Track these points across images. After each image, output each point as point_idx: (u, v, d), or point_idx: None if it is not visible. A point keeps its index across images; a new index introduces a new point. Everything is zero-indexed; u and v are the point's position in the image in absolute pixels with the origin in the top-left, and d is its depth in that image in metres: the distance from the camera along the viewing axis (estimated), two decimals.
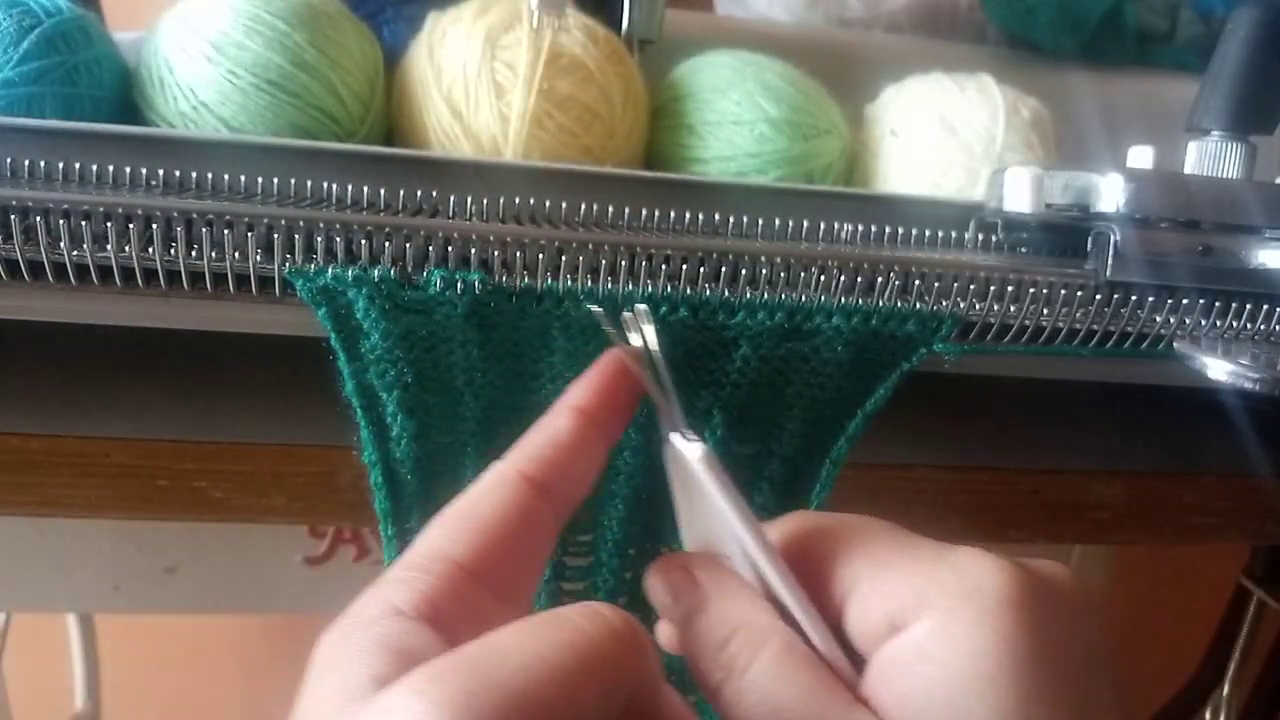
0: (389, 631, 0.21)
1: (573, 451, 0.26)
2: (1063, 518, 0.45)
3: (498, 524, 0.24)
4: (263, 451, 0.38)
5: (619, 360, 0.28)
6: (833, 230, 0.42)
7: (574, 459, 0.26)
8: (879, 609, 0.24)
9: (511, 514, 0.24)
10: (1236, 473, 0.46)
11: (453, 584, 0.22)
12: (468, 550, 0.23)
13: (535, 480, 0.25)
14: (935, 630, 0.22)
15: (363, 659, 0.20)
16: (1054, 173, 0.42)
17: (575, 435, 0.27)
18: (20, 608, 0.74)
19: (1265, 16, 0.42)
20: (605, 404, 0.28)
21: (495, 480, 0.25)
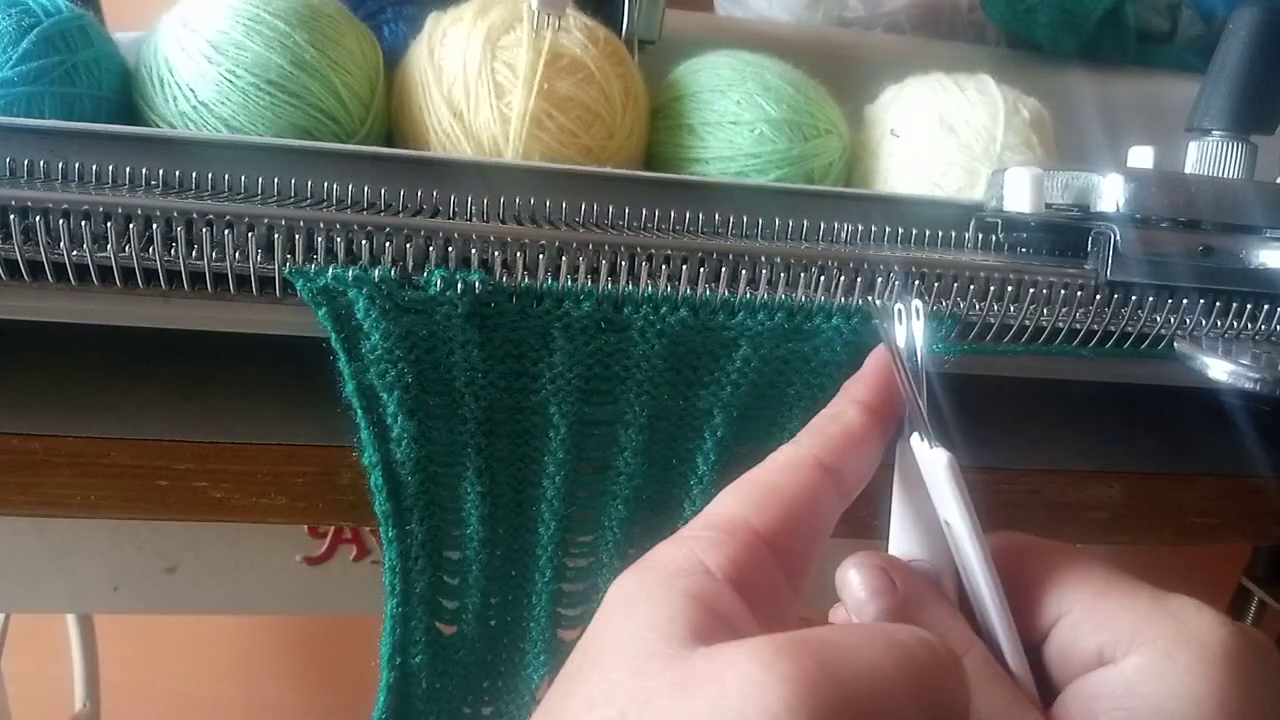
0: (702, 587, 0.21)
1: (861, 444, 0.27)
2: (1063, 518, 0.45)
3: (797, 502, 0.25)
4: (263, 451, 0.38)
5: (888, 359, 0.29)
6: (833, 230, 0.42)
7: (862, 451, 0.27)
8: (1092, 638, 0.24)
9: (809, 494, 0.25)
10: (1236, 473, 0.46)
11: (755, 553, 0.23)
12: (770, 522, 0.24)
13: (829, 467, 0.26)
14: (1148, 668, 0.23)
15: (680, 606, 0.21)
16: (1054, 173, 0.42)
17: (864, 429, 0.27)
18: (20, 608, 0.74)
19: (1266, 16, 0.42)
20: (886, 400, 0.28)
21: (794, 461, 0.26)
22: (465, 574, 0.37)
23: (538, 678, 0.39)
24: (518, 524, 0.37)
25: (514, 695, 0.39)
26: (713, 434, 0.36)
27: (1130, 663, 0.23)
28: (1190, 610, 0.24)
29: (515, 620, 0.39)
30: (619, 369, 0.34)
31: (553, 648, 0.39)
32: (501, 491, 0.36)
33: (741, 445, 0.37)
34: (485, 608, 0.38)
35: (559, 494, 0.36)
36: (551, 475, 0.36)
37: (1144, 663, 0.23)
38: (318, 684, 1.07)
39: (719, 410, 0.36)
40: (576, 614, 0.39)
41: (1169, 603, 0.24)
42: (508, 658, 0.39)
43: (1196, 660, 0.23)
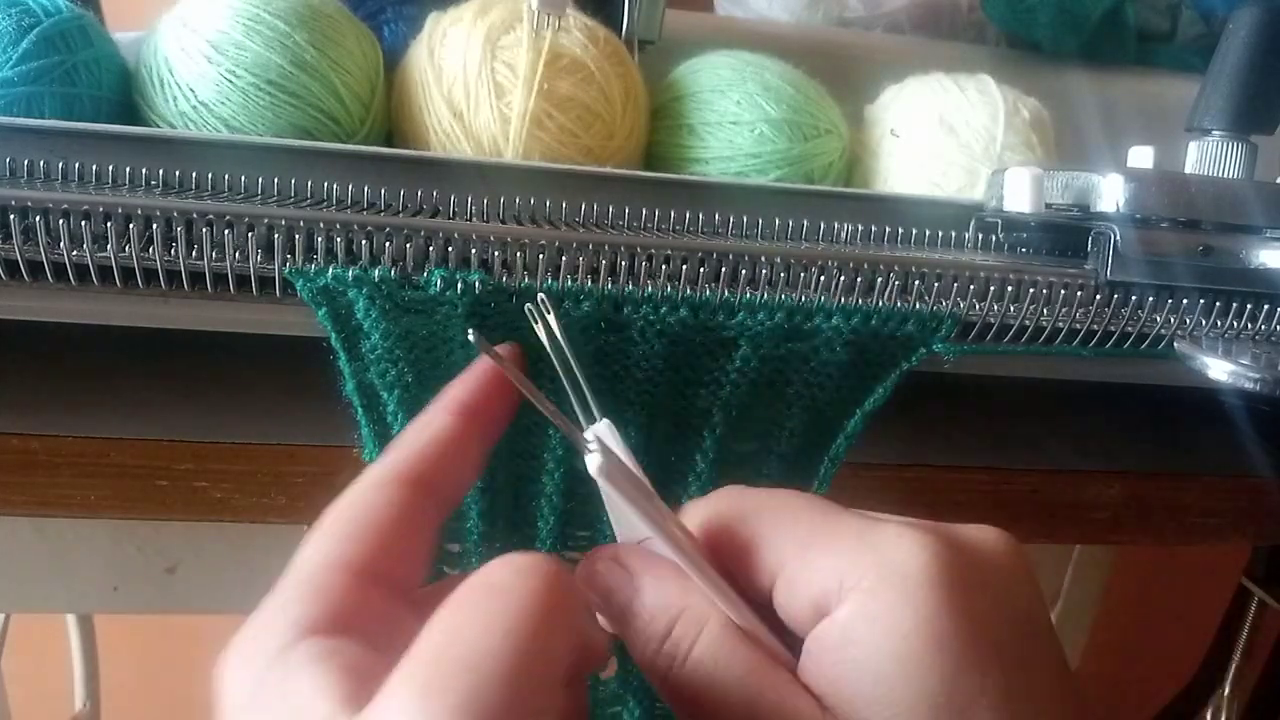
0: (318, 653, 0.20)
1: (453, 448, 0.27)
2: (1063, 518, 0.45)
3: (389, 525, 0.24)
4: (263, 451, 0.38)
5: (491, 364, 0.28)
6: (833, 230, 0.42)
7: (455, 456, 0.27)
8: (804, 593, 0.24)
9: (398, 514, 0.24)
10: (1236, 473, 0.46)
11: (360, 590, 0.22)
12: (364, 553, 0.23)
13: (416, 480, 0.25)
14: (857, 614, 0.23)
15: (321, 681, 0.20)
16: (1054, 173, 0.42)
17: (454, 433, 0.27)
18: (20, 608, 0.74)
19: (1266, 16, 0.42)
20: (484, 401, 0.28)
21: (376, 483, 0.25)
22: (465, 567, 0.37)
23: None
24: (517, 519, 0.37)
25: None
26: (712, 433, 0.36)
27: (842, 611, 0.23)
28: (891, 541, 0.23)
29: None
30: (619, 369, 0.34)
31: None
32: (501, 488, 0.36)
33: (741, 445, 0.37)
34: None
35: (558, 490, 0.36)
36: (550, 472, 0.36)
37: (853, 608, 0.23)
38: None
39: (718, 409, 0.36)
40: None
41: (872, 536, 0.24)
42: None
43: (899, 594, 0.22)
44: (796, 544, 0.24)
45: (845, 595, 0.23)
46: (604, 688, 0.40)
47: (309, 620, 0.21)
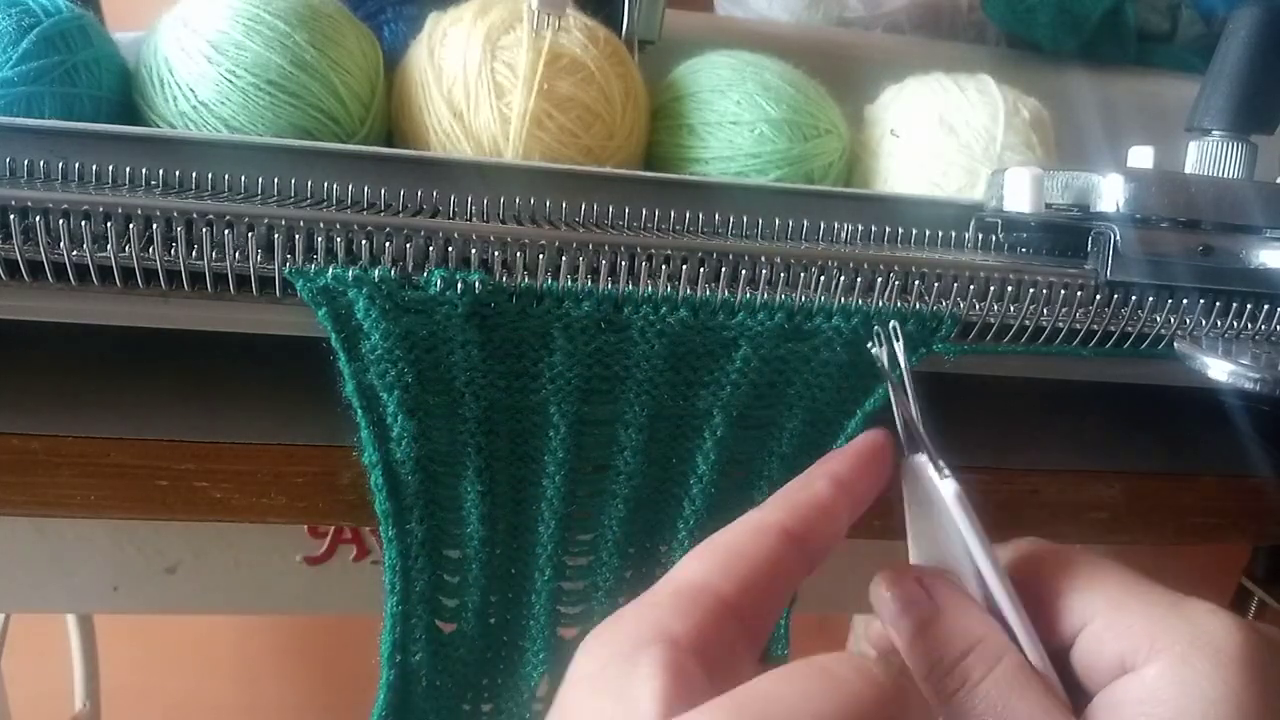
0: (669, 659, 0.22)
1: (828, 515, 0.28)
2: (1063, 518, 0.45)
3: (762, 567, 0.25)
4: (263, 451, 0.38)
5: (880, 440, 0.30)
6: (833, 230, 0.42)
7: (827, 522, 0.28)
8: (1113, 646, 0.25)
9: (773, 560, 0.26)
10: (1236, 473, 0.46)
11: (719, 619, 0.24)
12: (735, 587, 0.25)
13: (796, 534, 0.26)
14: (1168, 674, 0.24)
15: (647, 682, 0.21)
16: (1054, 173, 0.42)
17: (831, 500, 0.28)
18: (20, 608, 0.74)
19: (1266, 16, 0.42)
20: (860, 478, 0.29)
21: (761, 526, 0.26)
22: (465, 572, 0.37)
23: (537, 675, 0.39)
24: (517, 523, 0.37)
25: (514, 693, 0.39)
26: (712, 434, 0.36)
27: (1150, 670, 0.24)
28: (1205, 615, 0.25)
29: (515, 618, 0.39)
30: (619, 369, 0.34)
31: (552, 645, 0.39)
32: (501, 490, 0.36)
33: (741, 445, 0.37)
34: (485, 606, 0.38)
35: (559, 493, 0.36)
36: (551, 474, 0.36)
37: (1163, 669, 0.24)
38: (318, 684, 1.07)
39: (719, 410, 0.36)
40: (576, 612, 0.39)
41: (1185, 608, 0.25)
42: (507, 655, 0.39)
43: (1212, 664, 0.24)
44: (1110, 601, 0.26)
45: (1156, 656, 0.24)
46: None
47: (670, 630, 0.23)
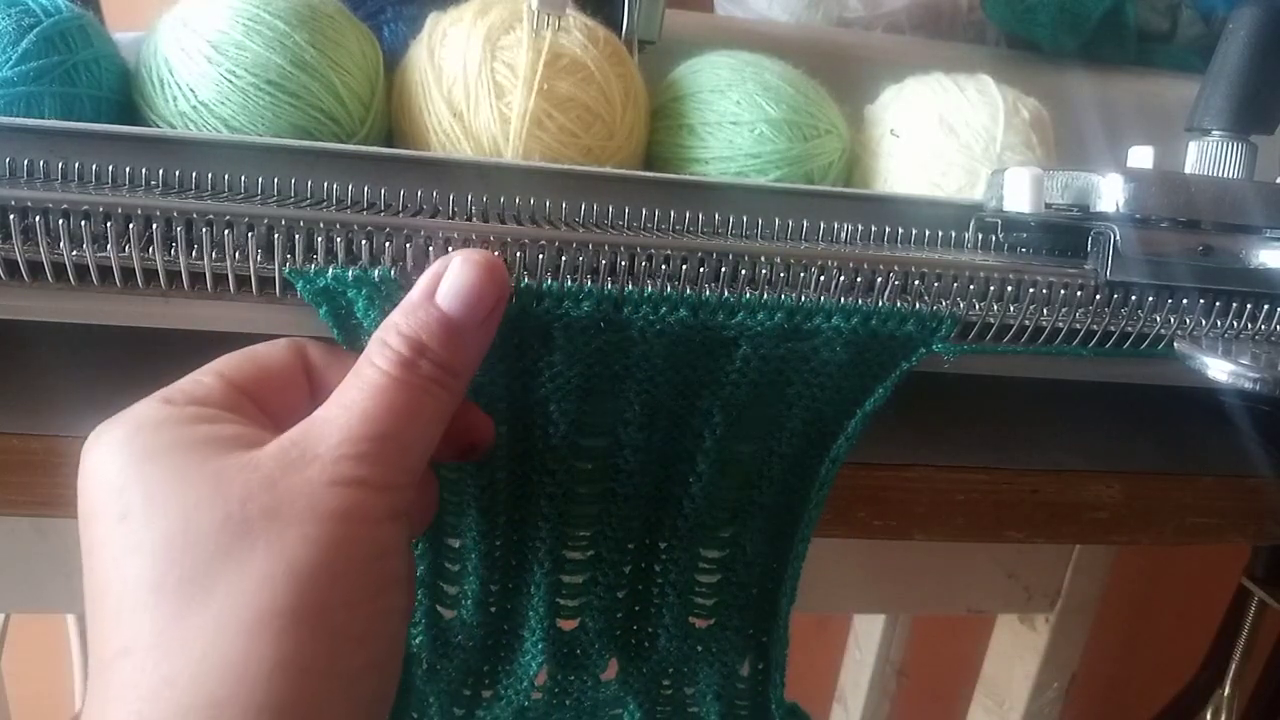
0: (212, 412, 0.28)
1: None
2: (1062, 518, 0.45)
3: (263, 360, 0.31)
4: None
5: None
6: (833, 230, 0.42)
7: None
8: None
9: (277, 356, 0.31)
10: (1236, 473, 0.46)
11: (225, 392, 0.29)
12: (234, 369, 0.30)
13: (301, 350, 0.32)
14: None
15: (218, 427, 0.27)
16: (1054, 173, 0.42)
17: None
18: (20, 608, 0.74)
19: (1266, 16, 0.42)
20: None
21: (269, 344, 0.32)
22: (465, 561, 0.37)
23: (536, 665, 0.39)
24: (517, 518, 0.37)
25: (513, 680, 0.39)
26: (712, 433, 0.36)
27: None
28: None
29: (515, 608, 0.39)
30: (619, 368, 0.34)
31: (551, 636, 0.39)
32: (500, 487, 0.36)
33: (741, 445, 0.37)
34: (485, 594, 0.38)
35: (559, 491, 0.36)
36: (551, 472, 0.36)
37: None
38: None
39: (719, 409, 0.36)
40: (575, 604, 0.39)
41: None
42: (507, 644, 0.39)
43: None
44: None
45: None
46: (605, 689, 0.40)
47: (180, 396, 0.28)
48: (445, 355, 0.29)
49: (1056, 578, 0.71)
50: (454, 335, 0.29)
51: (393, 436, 0.27)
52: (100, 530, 0.26)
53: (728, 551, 0.39)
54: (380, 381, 0.28)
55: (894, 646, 1.02)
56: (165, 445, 0.26)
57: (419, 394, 0.28)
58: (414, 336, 0.29)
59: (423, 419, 0.28)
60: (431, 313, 0.29)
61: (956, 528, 0.44)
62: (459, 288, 0.29)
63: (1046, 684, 0.76)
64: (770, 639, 0.41)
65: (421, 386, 0.28)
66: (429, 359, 0.29)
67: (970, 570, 0.68)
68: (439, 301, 0.29)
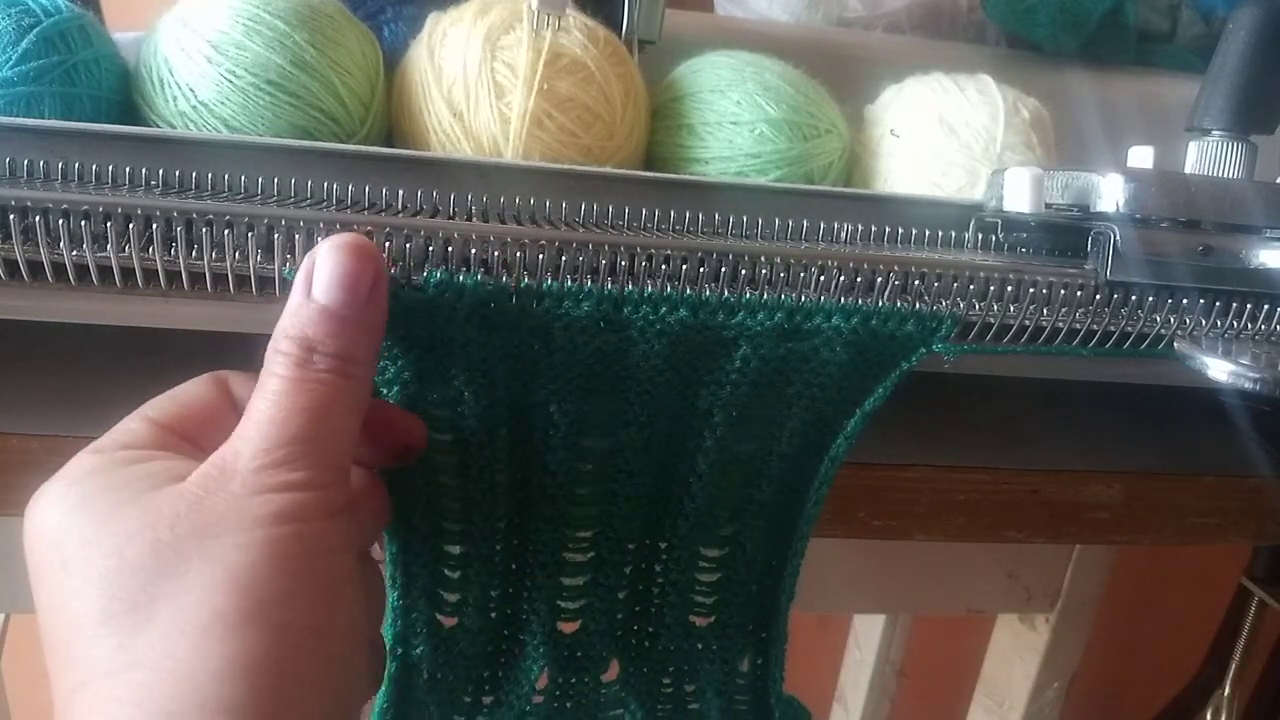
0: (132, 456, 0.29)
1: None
2: (1062, 518, 0.45)
3: (185, 399, 0.32)
4: None
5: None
6: (833, 230, 0.42)
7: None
8: None
9: (198, 392, 0.32)
10: (1236, 473, 0.47)
11: (152, 433, 0.30)
12: (160, 410, 0.31)
13: (221, 382, 0.32)
14: None
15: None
16: (1054, 173, 0.42)
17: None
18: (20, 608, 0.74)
19: (1266, 16, 0.42)
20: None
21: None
22: (466, 567, 0.37)
23: (537, 669, 0.39)
24: (518, 520, 0.37)
25: (514, 685, 0.39)
26: (712, 433, 0.36)
27: None
28: None
29: (516, 612, 0.39)
30: (619, 368, 0.34)
31: (553, 640, 0.39)
32: (501, 489, 0.36)
33: (741, 445, 0.37)
34: (485, 600, 0.38)
35: (559, 492, 0.36)
36: (552, 473, 0.36)
37: None
38: None
39: (719, 409, 0.36)
40: (576, 607, 0.39)
41: None
42: (508, 649, 0.39)
43: None
44: None
45: None
46: (606, 690, 0.40)
47: (109, 443, 0.29)
48: (336, 346, 0.29)
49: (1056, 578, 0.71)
50: (339, 324, 0.29)
51: (306, 438, 0.27)
52: (46, 583, 0.27)
53: (728, 550, 0.39)
54: (280, 387, 0.28)
55: (894, 646, 1.02)
56: (96, 490, 0.27)
57: (321, 390, 0.28)
58: (300, 335, 0.28)
59: (332, 413, 0.28)
60: (311, 308, 0.29)
61: (956, 528, 0.44)
62: (330, 276, 0.29)
63: (1046, 684, 0.76)
64: (770, 635, 0.41)
65: (322, 381, 0.28)
66: (321, 353, 0.28)
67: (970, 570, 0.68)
68: (315, 296, 0.29)
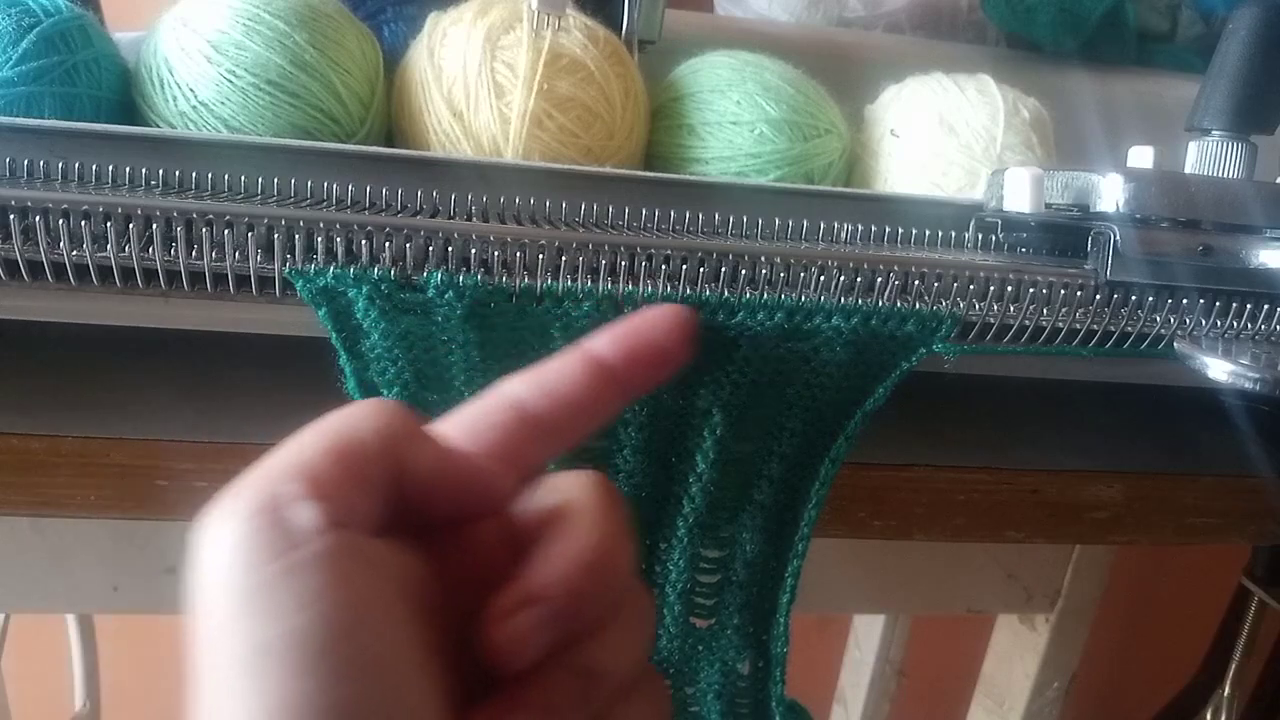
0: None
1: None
2: (1063, 518, 0.45)
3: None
4: (263, 451, 0.37)
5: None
6: (833, 230, 0.42)
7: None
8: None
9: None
10: (1236, 473, 0.46)
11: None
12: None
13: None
14: None
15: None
16: (1054, 173, 0.42)
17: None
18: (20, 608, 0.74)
19: (1266, 16, 0.42)
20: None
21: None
22: None
23: None
24: None
25: None
26: (712, 433, 0.36)
27: None
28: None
29: None
30: None
31: None
32: None
33: (741, 445, 0.37)
34: None
35: None
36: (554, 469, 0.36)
37: None
38: None
39: (719, 409, 0.36)
40: None
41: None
42: None
43: None
44: None
45: None
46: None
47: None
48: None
49: (1056, 578, 0.71)
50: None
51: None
52: None
53: (728, 551, 0.39)
54: None
55: (894, 646, 1.02)
56: None
57: None
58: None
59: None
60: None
61: (956, 528, 0.44)
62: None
63: (1046, 684, 0.76)
64: (770, 637, 0.41)
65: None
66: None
67: (970, 570, 0.68)
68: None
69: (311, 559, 0.19)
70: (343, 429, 0.22)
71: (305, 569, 0.19)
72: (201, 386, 0.40)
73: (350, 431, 0.22)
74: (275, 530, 0.20)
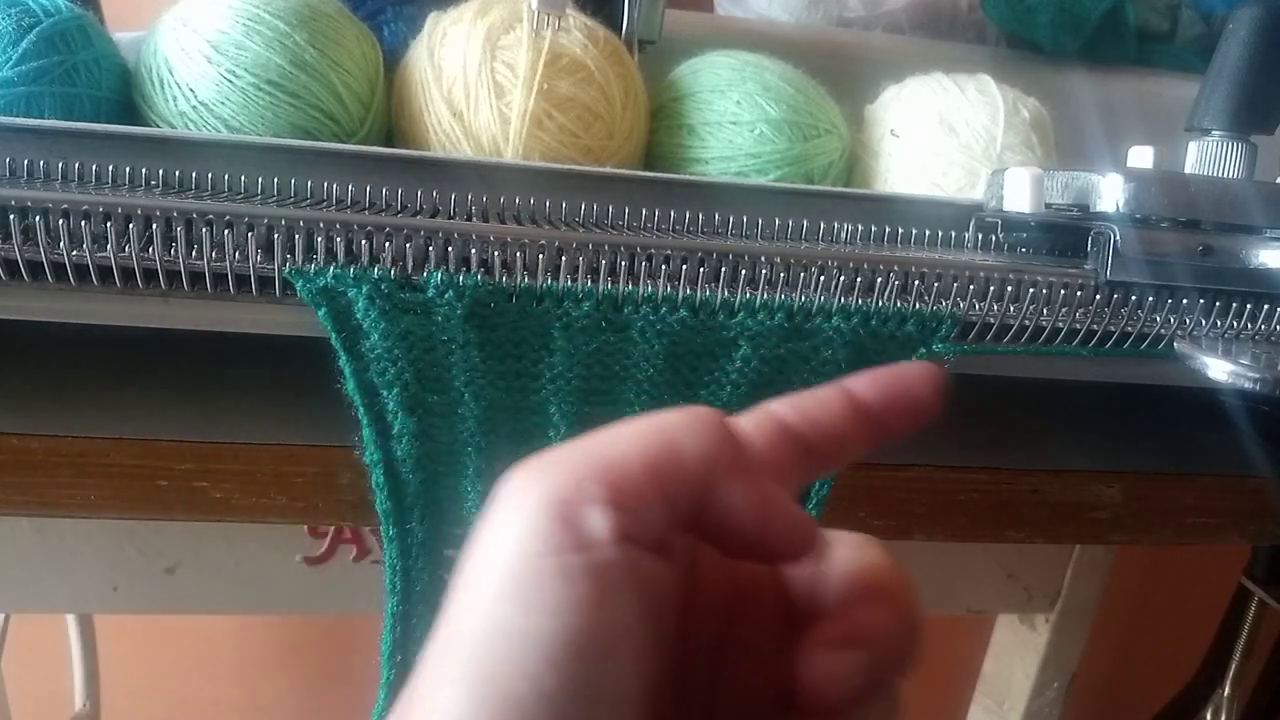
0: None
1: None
2: (1063, 518, 0.45)
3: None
4: (263, 451, 0.38)
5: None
6: (833, 230, 0.42)
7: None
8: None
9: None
10: (1236, 473, 0.46)
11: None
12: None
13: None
14: None
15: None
16: (1054, 173, 0.42)
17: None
18: (20, 608, 0.74)
19: (1266, 16, 0.42)
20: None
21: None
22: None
23: None
24: None
25: None
26: None
27: None
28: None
29: None
30: (619, 369, 0.34)
31: None
32: (501, 475, 0.36)
33: None
34: None
35: None
36: None
37: None
38: (318, 684, 1.07)
39: (719, 409, 0.36)
40: None
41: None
42: None
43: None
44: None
45: None
46: None
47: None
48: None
49: (1056, 578, 0.71)
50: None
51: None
52: None
53: None
54: None
55: None
56: None
57: None
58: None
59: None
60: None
61: (956, 528, 0.44)
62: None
63: (1046, 684, 0.76)
64: None
65: None
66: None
67: (970, 570, 0.68)
68: None
69: (586, 567, 0.19)
70: (665, 439, 0.21)
71: (577, 575, 0.19)
72: (201, 386, 0.40)
73: (672, 444, 0.21)
74: (564, 527, 0.19)
